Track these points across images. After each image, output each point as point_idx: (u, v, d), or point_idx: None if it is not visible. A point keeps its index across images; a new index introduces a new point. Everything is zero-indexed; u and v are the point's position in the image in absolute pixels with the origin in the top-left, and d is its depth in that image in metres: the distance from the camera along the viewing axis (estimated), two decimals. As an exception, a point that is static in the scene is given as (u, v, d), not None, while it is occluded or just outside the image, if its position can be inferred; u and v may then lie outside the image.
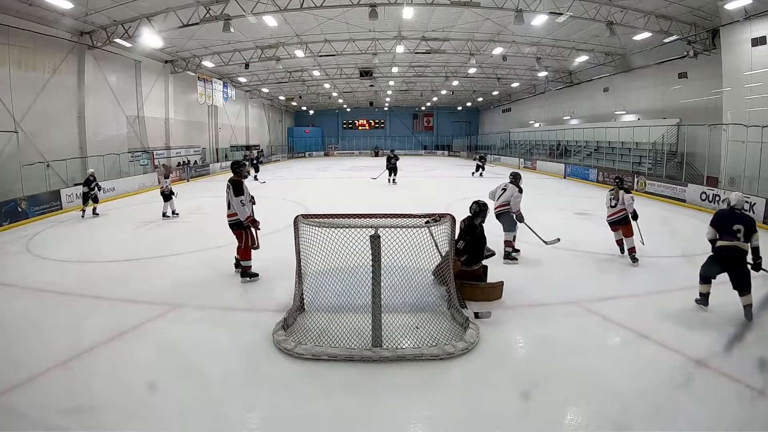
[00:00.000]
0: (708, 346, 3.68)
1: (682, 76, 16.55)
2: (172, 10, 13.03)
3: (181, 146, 21.58)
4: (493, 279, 5.16)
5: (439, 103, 41.81)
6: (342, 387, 3.22)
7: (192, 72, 21.25)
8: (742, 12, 11.57)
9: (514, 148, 31.14)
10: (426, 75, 26.27)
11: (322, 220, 3.94)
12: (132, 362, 3.58)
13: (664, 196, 12.82)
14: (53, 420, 2.83)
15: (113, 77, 16.67)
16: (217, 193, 15.82)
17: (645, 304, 4.77)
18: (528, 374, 3.41)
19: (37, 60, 12.82)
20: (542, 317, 4.45)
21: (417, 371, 3.39)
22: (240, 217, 5.28)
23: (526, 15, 13.19)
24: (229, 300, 4.91)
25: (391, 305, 3.87)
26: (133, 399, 3.06)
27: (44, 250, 7.44)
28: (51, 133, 13.42)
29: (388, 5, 13.02)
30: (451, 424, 2.83)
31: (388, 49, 19.12)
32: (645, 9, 13.17)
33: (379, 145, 43.88)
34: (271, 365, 3.50)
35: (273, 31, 16.16)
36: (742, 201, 4.45)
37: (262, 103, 35.61)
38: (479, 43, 18.41)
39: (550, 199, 12.77)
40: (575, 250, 6.90)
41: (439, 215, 4.11)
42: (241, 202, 5.23)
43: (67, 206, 11.64)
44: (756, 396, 3.01)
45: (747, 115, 11.68)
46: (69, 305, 4.85)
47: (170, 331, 4.21)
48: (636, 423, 2.80)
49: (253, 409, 3.02)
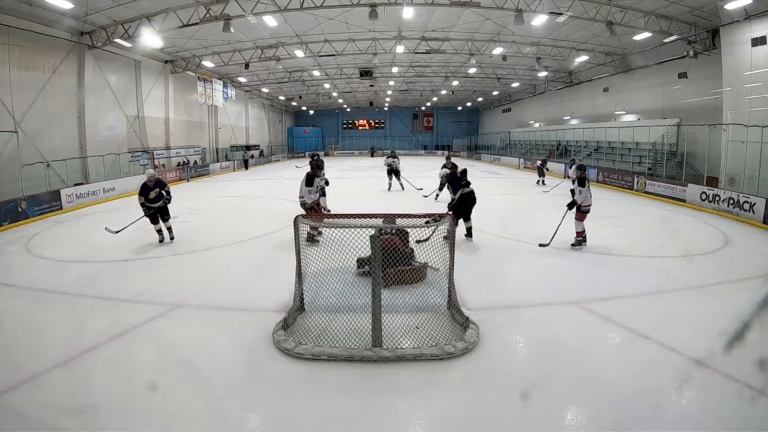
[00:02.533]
0: (708, 346, 3.68)
1: (682, 76, 16.56)
2: (172, 10, 13.02)
3: (181, 146, 21.58)
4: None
5: (439, 103, 41.80)
6: (342, 387, 3.22)
7: (192, 72, 21.25)
8: (742, 12, 11.57)
9: (514, 149, 31.13)
10: (426, 75, 26.27)
11: (322, 220, 3.94)
12: (132, 362, 3.58)
13: (664, 196, 12.82)
14: (53, 420, 2.83)
15: (113, 77, 16.67)
16: (217, 193, 15.94)
17: (645, 304, 4.76)
18: (528, 374, 3.41)
19: (37, 60, 12.82)
20: (542, 317, 4.45)
21: (417, 371, 3.39)
22: (306, 201, 7.12)
23: (526, 15, 13.18)
24: (229, 300, 4.90)
25: (391, 305, 3.87)
26: (133, 399, 3.06)
27: (44, 250, 7.44)
28: (51, 133, 13.41)
29: (388, 5, 13.01)
30: (451, 424, 2.83)
31: (388, 49, 19.11)
32: (645, 9, 13.16)
33: (379, 145, 43.88)
34: (271, 365, 3.50)
35: (273, 31, 16.15)
36: None
37: (262, 103, 35.61)
38: (479, 43, 18.41)
39: (551, 199, 12.77)
40: (575, 250, 6.89)
41: (439, 215, 4.11)
42: (309, 192, 7.14)
43: (67, 206, 11.64)
44: (756, 396, 3.01)
45: (747, 115, 11.68)
46: (69, 305, 4.85)
47: (170, 331, 4.20)
48: (636, 423, 2.80)
49: (253, 409, 3.02)
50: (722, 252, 7.00)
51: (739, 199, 9.88)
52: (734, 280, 5.57)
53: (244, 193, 15.32)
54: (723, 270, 6.03)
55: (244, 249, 7.21)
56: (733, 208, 10.04)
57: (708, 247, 7.21)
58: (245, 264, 6.36)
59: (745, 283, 5.47)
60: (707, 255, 6.79)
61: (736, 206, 9.95)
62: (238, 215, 9.77)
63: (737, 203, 9.92)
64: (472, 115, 45.67)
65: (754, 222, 9.22)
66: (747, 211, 9.56)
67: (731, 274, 5.83)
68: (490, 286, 5.34)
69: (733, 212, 10.00)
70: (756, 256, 6.87)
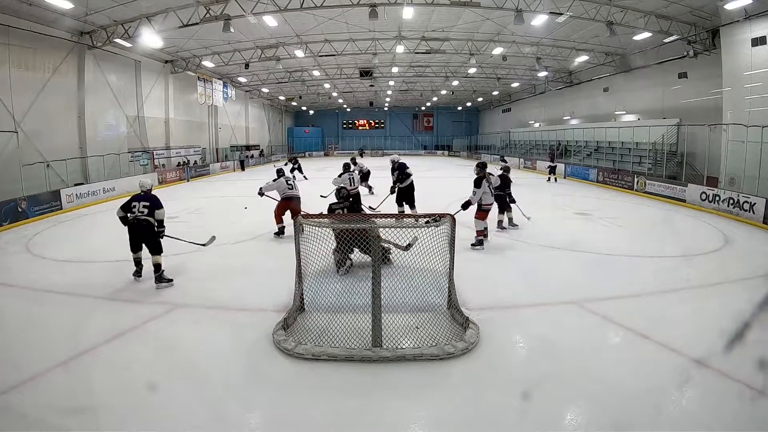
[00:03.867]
0: (708, 346, 3.67)
1: (682, 76, 16.55)
2: (172, 10, 13.02)
3: (181, 146, 21.58)
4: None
5: (439, 103, 41.79)
6: (342, 387, 3.22)
7: (192, 72, 21.25)
8: (742, 12, 11.57)
9: (514, 149, 31.14)
10: (426, 75, 26.27)
11: (322, 220, 3.94)
12: (132, 362, 3.58)
13: (664, 196, 12.82)
14: (53, 420, 2.83)
15: (113, 77, 16.66)
16: (216, 193, 15.93)
17: (645, 304, 4.77)
18: (528, 374, 3.41)
19: (37, 60, 12.82)
20: (542, 317, 4.45)
21: (417, 371, 3.39)
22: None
23: (526, 15, 13.18)
24: (229, 300, 4.90)
25: (391, 305, 3.87)
26: (133, 399, 3.06)
27: (44, 250, 7.43)
28: (51, 133, 13.40)
29: (388, 5, 13.01)
30: (451, 424, 2.83)
31: (388, 49, 19.11)
32: (645, 9, 13.16)
33: (379, 145, 43.85)
34: (271, 365, 3.50)
35: (273, 31, 16.15)
36: None
37: (262, 103, 35.61)
38: (479, 43, 18.41)
39: (551, 199, 12.78)
40: (575, 250, 6.89)
41: (439, 215, 4.11)
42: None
43: (67, 206, 11.64)
44: (756, 396, 3.01)
45: (747, 115, 11.68)
46: (69, 305, 4.85)
47: (170, 331, 4.20)
48: (636, 423, 2.80)
49: (253, 409, 3.02)
50: (722, 252, 7.00)
51: (739, 199, 9.88)
52: (734, 280, 5.57)
53: (244, 193, 15.31)
54: (723, 270, 6.04)
55: (244, 249, 7.21)
56: (733, 208, 10.05)
57: (708, 247, 7.20)
58: (245, 264, 6.36)
59: (745, 283, 5.47)
60: (707, 255, 6.78)
61: (736, 206, 9.95)
62: (238, 215, 9.76)
63: (737, 203, 9.93)
64: (472, 115, 45.65)
65: (754, 222, 9.22)
66: (747, 211, 9.56)
67: (731, 274, 5.83)
68: (490, 286, 5.34)
69: (733, 212, 10.00)
70: (756, 256, 6.87)
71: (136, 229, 5.29)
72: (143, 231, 5.29)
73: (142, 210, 5.31)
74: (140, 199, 5.41)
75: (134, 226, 5.30)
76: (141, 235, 5.30)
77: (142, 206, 5.33)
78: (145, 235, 5.31)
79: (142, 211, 5.30)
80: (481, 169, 6.89)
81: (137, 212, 5.30)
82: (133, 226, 5.30)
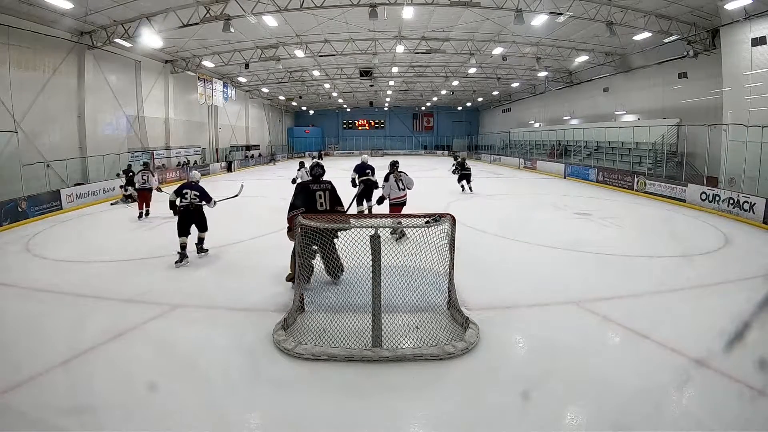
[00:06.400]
0: (708, 346, 3.68)
1: (682, 76, 16.55)
2: (172, 10, 13.02)
3: (181, 146, 21.59)
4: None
5: (439, 103, 41.79)
6: (342, 387, 3.22)
7: (192, 72, 21.24)
8: (742, 12, 11.57)
9: (514, 148, 31.15)
10: (426, 75, 26.27)
11: (322, 220, 3.94)
12: (132, 362, 3.58)
13: (664, 196, 12.83)
14: (53, 420, 2.83)
15: (113, 77, 16.66)
16: (216, 193, 15.83)
17: (645, 304, 4.76)
18: (528, 374, 3.41)
19: (37, 60, 12.81)
20: (542, 317, 4.45)
21: (417, 371, 3.39)
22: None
23: (526, 15, 13.18)
24: (229, 300, 4.90)
25: (391, 305, 3.87)
26: (133, 399, 3.06)
27: (44, 250, 7.43)
28: (51, 133, 13.41)
29: (388, 5, 13.01)
30: (451, 424, 2.83)
31: (388, 49, 19.11)
32: (645, 9, 13.16)
33: (379, 145, 43.82)
34: (271, 365, 3.50)
35: (273, 31, 16.15)
36: None
37: (262, 103, 35.60)
38: (479, 43, 18.41)
39: (551, 199, 12.79)
40: (575, 250, 6.89)
41: (439, 215, 4.11)
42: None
43: (67, 206, 11.64)
44: (756, 396, 3.01)
45: (747, 115, 11.68)
46: (69, 305, 4.85)
47: (170, 331, 4.20)
48: (636, 423, 2.80)
49: (253, 409, 3.02)
50: (722, 252, 7.00)
51: (739, 199, 9.88)
52: (734, 280, 5.57)
53: (243, 193, 15.31)
54: (723, 270, 6.04)
55: (244, 248, 7.21)
56: (733, 208, 10.05)
57: (708, 247, 7.21)
58: (245, 264, 6.35)
59: (745, 283, 5.47)
60: (707, 255, 6.78)
61: (736, 206, 9.95)
62: (238, 215, 9.76)
63: (737, 203, 9.93)
64: (472, 115, 45.66)
65: (754, 222, 9.23)
66: (747, 211, 9.56)
67: (731, 274, 5.83)
68: (490, 286, 5.34)
69: (733, 212, 10.00)
70: (756, 256, 6.87)
71: (190, 212, 6.23)
72: (195, 213, 6.30)
73: (194, 197, 6.30)
74: (191, 188, 6.34)
75: (187, 209, 6.23)
76: (192, 216, 6.26)
77: (194, 194, 6.30)
78: (195, 217, 6.29)
79: (194, 198, 6.30)
80: (391, 167, 7.37)
81: (190, 198, 6.27)
82: (187, 209, 6.22)
